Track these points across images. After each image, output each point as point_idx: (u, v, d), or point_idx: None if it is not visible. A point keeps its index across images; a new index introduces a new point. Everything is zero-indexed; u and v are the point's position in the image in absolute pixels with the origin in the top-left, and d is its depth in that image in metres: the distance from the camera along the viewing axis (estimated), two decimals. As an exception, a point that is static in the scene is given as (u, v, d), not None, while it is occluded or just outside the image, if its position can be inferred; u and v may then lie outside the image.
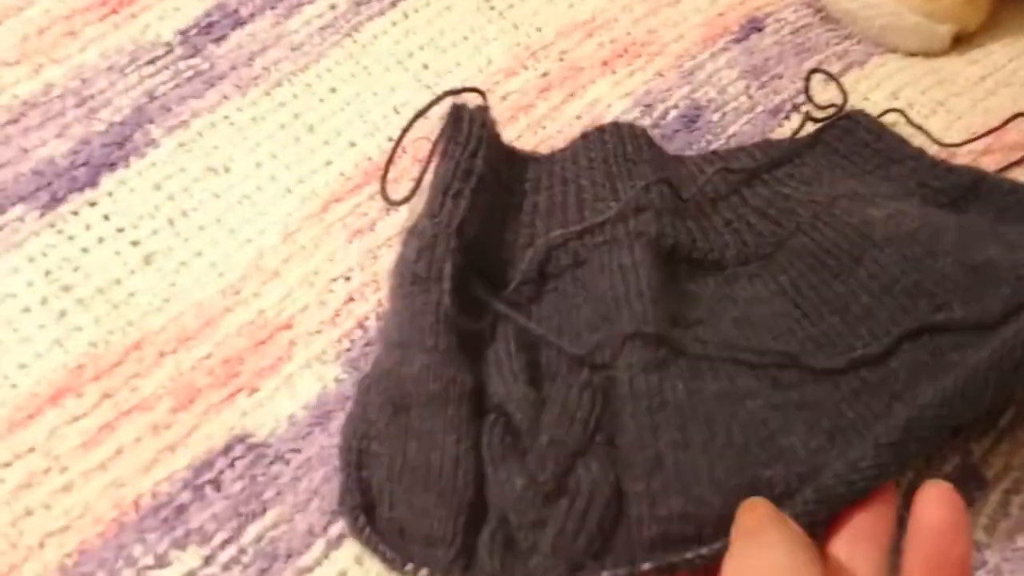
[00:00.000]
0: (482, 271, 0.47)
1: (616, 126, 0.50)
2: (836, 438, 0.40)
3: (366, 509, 0.41)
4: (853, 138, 0.55)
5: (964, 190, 0.51)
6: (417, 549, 0.39)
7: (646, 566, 0.38)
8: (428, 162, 0.49)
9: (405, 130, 0.49)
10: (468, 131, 0.48)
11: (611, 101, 0.59)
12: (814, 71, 0.60)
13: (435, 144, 0.49)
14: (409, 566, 0.39)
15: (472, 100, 0.49)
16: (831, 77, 0.59)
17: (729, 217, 0.50)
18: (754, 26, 0.64)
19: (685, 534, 0.38)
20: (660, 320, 0.42)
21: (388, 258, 0.49)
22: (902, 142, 0.54)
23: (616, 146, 0.50)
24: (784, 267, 0.47)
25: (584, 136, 0.51)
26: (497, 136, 0.51)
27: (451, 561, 0.39)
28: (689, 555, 0.38)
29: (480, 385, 0.42)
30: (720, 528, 0.38)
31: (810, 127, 0.57)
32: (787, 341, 0.44)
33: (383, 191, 0.48)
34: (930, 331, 0.42)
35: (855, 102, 0.60)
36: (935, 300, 0.43)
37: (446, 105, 0.48)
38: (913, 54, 0.64)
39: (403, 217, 0.51)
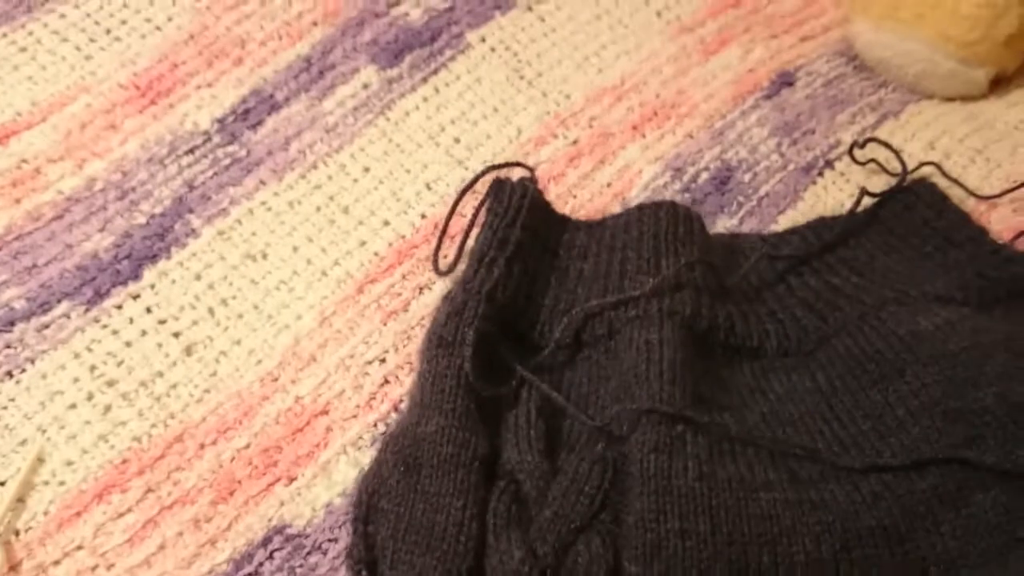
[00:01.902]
0: (522, 335, 0.48)
1: (673, 206, 0.51)
2: (844, 552, 0.39)
3: (369, 565, 0.41)
4: (912, 215, 0.53)
5: (1022, 281, 0.49)
6: None
7: None
8: (469, 230, 0.51)
9: (456, 203, 0.52)
10: (508, 202, 0.50)
11: (641, 166, 0.59)
12: (869, 140, 0.58)
13: (476, 213, 0.51)
14: None
15: (518, 173, 0.52)
16: (889, 148, 0.57)
17: (774, 307, 0.50)
18: (785, 80, 0.63)
19: None
20: (679, 398, 0.42)
21: (421, 339, 0.50)
22: (963, 220, 0.53)
23: (668, 224, 0.50)
24: (823, 366, 0.47)
25: (640, 208, 0.51)
26: (545, 204, 0.52)
27: None
28: None
29: (495, 451, 0.43)
30: None
31: (867, 200, 0.55)
32: (814, 440, 0.43)
33: (435, 262, 0.51)
34: (961, 463, 0.41)
35: (890, 154, 0.59)
36: (971, 431, 0.42)
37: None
38: (950, 100, 0.63)
39: (436, 297, 0.52)
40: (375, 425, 0.48)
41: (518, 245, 0.48)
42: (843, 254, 0.52)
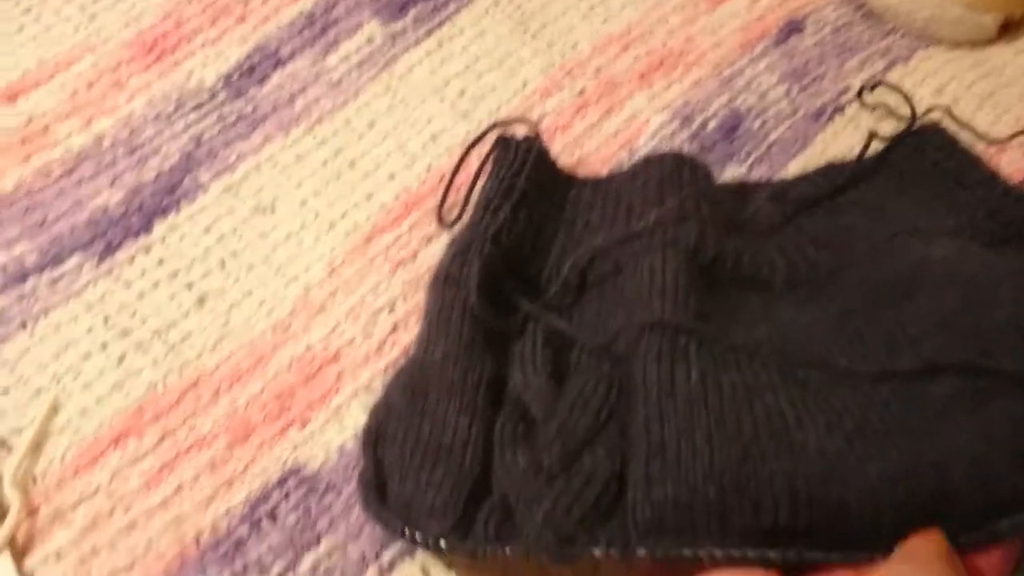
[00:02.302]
0: (528, 280, 0.48)
1: (678, 156, 0.50)
2: (856, 443, 0.38)
3: (379, 486, 0.41)
4: (922, 158, 0.53)
5: None
6: (420, 520, 0.40)
7: (640, 552, 0.37)
8: (474, 183, 0.51)
9: (462, 158, 0.52)
10: (514, 155, 0.50)
11: (649, 115, 0.59)
12: (878, 83, 0.58)
13: (481, 167, 0.51)
14: (407, 530, 0.40)
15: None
16: (899, 92, 0.57)
17: (783, 244, 0.49)
18: (793, 27, 0.63)
19: (679, 523, 0.37)
20: (681, 312, 0.42)
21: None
22: (973, 162, 0.52)
23: (673, 172, 0.49)
24: (834, 296, 0.46)
25: (646, 159, 0.51)
26: (550, 162, 0.52)
27: (449, 529, 0.39)
28: (686, 552, 0.37)
29: (502, 378, 0.43)
30: (717, 526, 0.37)
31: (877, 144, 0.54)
32: (823, 360, 0.43)
33: (439, 215, 0.52)
34: (976, 372, 0.40)
35: (899, 99, 0.59)
36: (984, 345, 0.41)
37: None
38: (959, 46, 0.63)
39: (443, 246, 0.52)
40: (385, 370, 0.48)
41: (523, 194, 0.49)
42: (853, 196, 0.52)
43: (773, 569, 0.37)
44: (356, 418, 0.47)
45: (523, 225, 0.48)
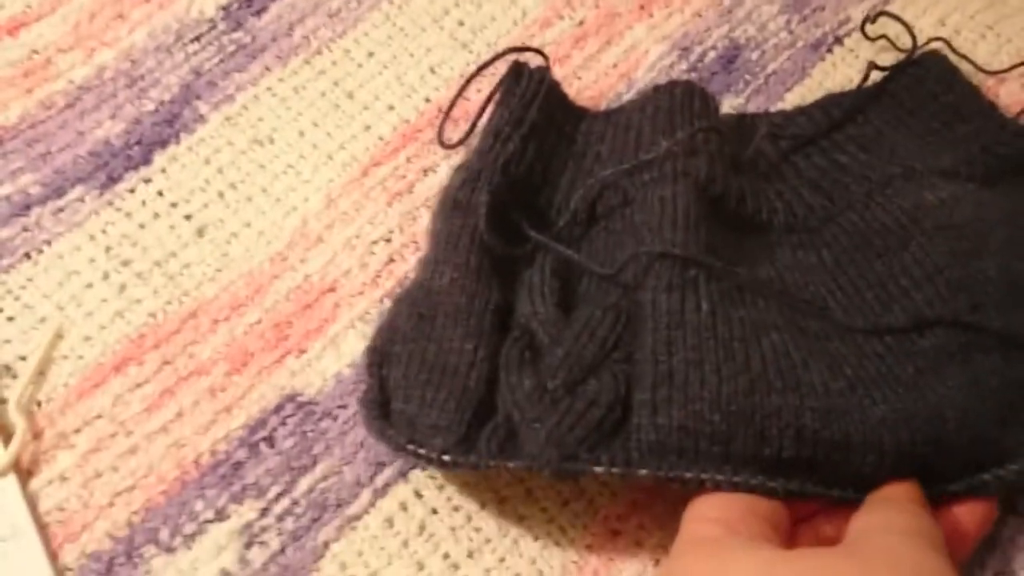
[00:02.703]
0: (538, 211, 0.48)
1: (689, 85, 0.50)
2: (858, 388, 0.39)
3: (382, 404, 0.43)
4: (921, 89, 0.52)
5: None
6: (424, 437, 0.41)
7: (642, 472, 0.38)
8: (482, 109, 0.51)
9: (469, 80, 0.52)
10: (526, 85, 0.50)
11: (648, 47, 0.58)
12: (880, 14, 0.57)
13: (492, 95, 0.51)
14: (410, 446, 0.40)
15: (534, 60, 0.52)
16: (900, 22, 0.56)
17: (780, 187, 0.49)
18: (795, -43, 0.62)
19: (682, 447, 0.38)
20: (693, 244, 0.42)
21: (426, 219, 0.51)
22: (972, 94, 0.52)
23: (684, 99, 0.49)
24: (829, 242, 0.47)
25: (656, 88, 0.51)
26: (561, 94, 0.52)
27: (453, 444, 0.40)
28: (688, 475, 0.38)
29: (509, 305, 0.44)
30: (720, 453, 0.38)
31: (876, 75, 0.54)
32: (818, 302, 0.44)
33: (440, 135, 0.52)
34: (963, 327, 0.41)
35: (900, 29, 0.58)
36: (973, 299, 0.42)
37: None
38: (965, -26, 0.62)
39: (441, 179, 0.53)
40: (381, 301, 0.49)
41: (533, 125, 0.49)
42: (851, 131, 0.52)
43: (774, 498, 0.38)
44: (352, 347, 0.48)
45: (533, 156, 0.48)
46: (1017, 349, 0.41)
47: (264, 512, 0.44)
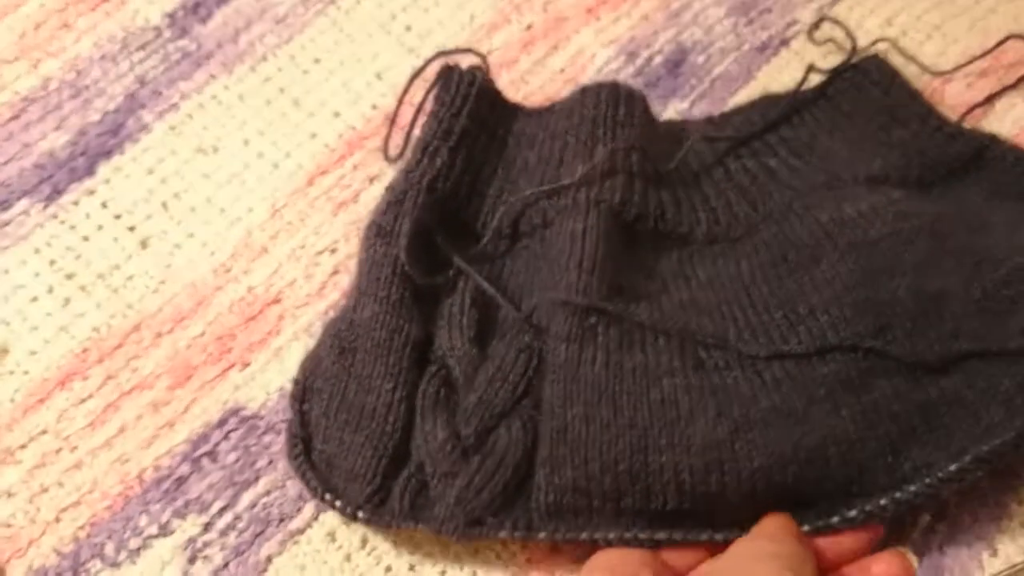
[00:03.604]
0: (465, 224, 0.48)
1: (615, 87, 0.50)
2: (741, 433, 0.40)
3: (304, 440, 0.44)
4: (859, 93, 0.53)
5: (966, 160, 0.49)
6: (340, 483, 0.42)
7: (541, 535, 0.41)
8: (415, 119, 0.51)
9: (405, 91, 0.52)
10: (455, 90, 0.50)
11: (595, 51, 0.59)
12: (823, 19, 0.57)
13: (423, 103, 0.51)
14: (328, 496, 0.42)
15: (470, 60, 0.52)
16: (841, 25, 0.56)
17: (708, 192, 0.50)
18: (744, -43, 0.62)
19: (577, 507, 0.40)
20: (596, 289, 0.43)
21: (370, 226, 0.51)
22: (911, 98, 0.52)
23: (608, 107, 0.49)
24: (748, 253, 0.47)
25: (583, 90, 0.51)
26: (495, 92, 0.52)
27: (367, 496, 0.41)
28: (583, 535, 0.40)
29: (429, 338, 0.44)
30: (612, 510, 0.40)
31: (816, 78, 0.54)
32: (726, 328, 0.44)
33: (384, 150, 0.52)
34: (864, 352, 0.41)
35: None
36: (880, 320, 0.42)
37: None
38: (913, -27, 0.62)
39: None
40: (326, 313, 0.49)
41: (462, 134, 0.49)
42: (785, 133, 0.52)
43: (661, 548, 0.41)
44: (296, 359, 0.48)
45: (461, 168, 0.49)
46: (923, 372, 0.41)
47: (207, 527, 0.44)
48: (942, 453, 0.40)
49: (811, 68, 0.54)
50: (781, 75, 0.58)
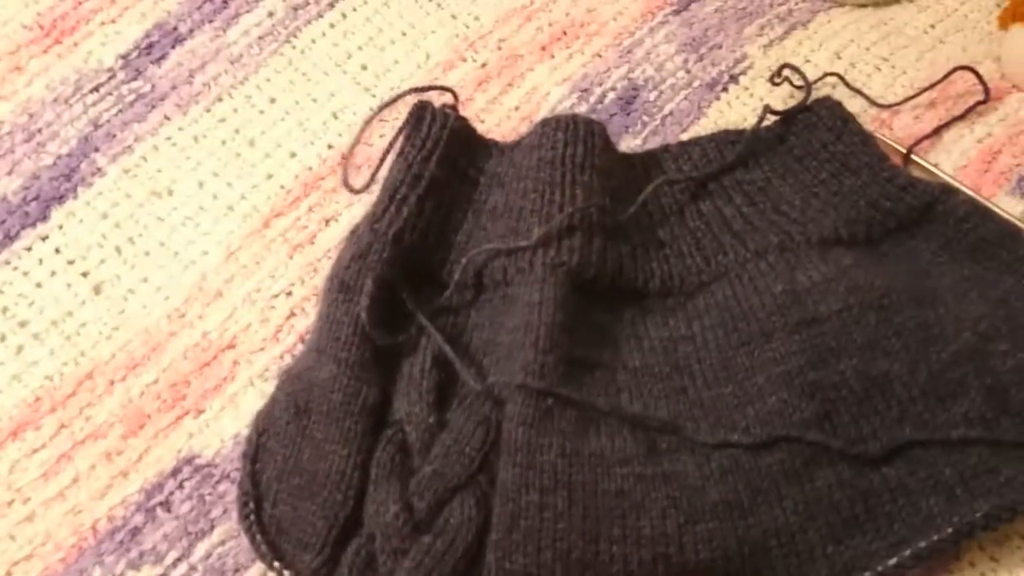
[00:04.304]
0: (431, 273, 0.48)
1: (574, 123, 0.50)
2: (687, 528, 0.41)
3: (256, 500, 0.43)
4: (811, 137, 0.53)
5: (917, 213, 0.49)
6: (290, 549, 0.42)
7: None
8: (385, 155, 0.51)
9: (368, 122, 0.52)
10: (427, 132, 0.49)
11: (549, 88, 0.59)
12: (784, 66, 0.57)
13: (394, 139, 0.50)
14: (276, 564, 0.42)
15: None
16: (796, 71, 0.56)
17: (664, 239, 0.50)
18: (695, -7, 0.63)
19: None
20: (552, 370, 0.43)
21: (327, 270, 0.51)
22: (863, 143, 0.52)
23: (566, 147, 0.49)
24: (700, 313, 0.47)
25: (543, 124, 0.51)
26: (468, 131, 0.52)
27: (316, 568, 0.41)
28: None
29: (388, 398, 0.44)
30: None
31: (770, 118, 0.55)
32: (677, 401, 0.44)
33: (345, 180, 0.50)
34: (808, 444, 0.42)
35: (797, 64, 0.60)
36: (825, 405, 0.43)
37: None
38: (862, 5, 0.63)
39: (342, 229, 0.53)
40: (281, 357, 0.49)
41: (432, 181, 0.48)
42: (740, 176, 0.53)
43: None
44: (252, 406, 0.48)
45: (429, 216, 0.48)
46: (866, 460, 0.42)
47: (162, 578, 0.44)
48: (882, 544, 0.41)
49: (767, 109, 0.54)
50: (731, 111, 0.59)
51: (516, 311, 0.45)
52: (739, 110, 0.58)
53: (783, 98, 0.58)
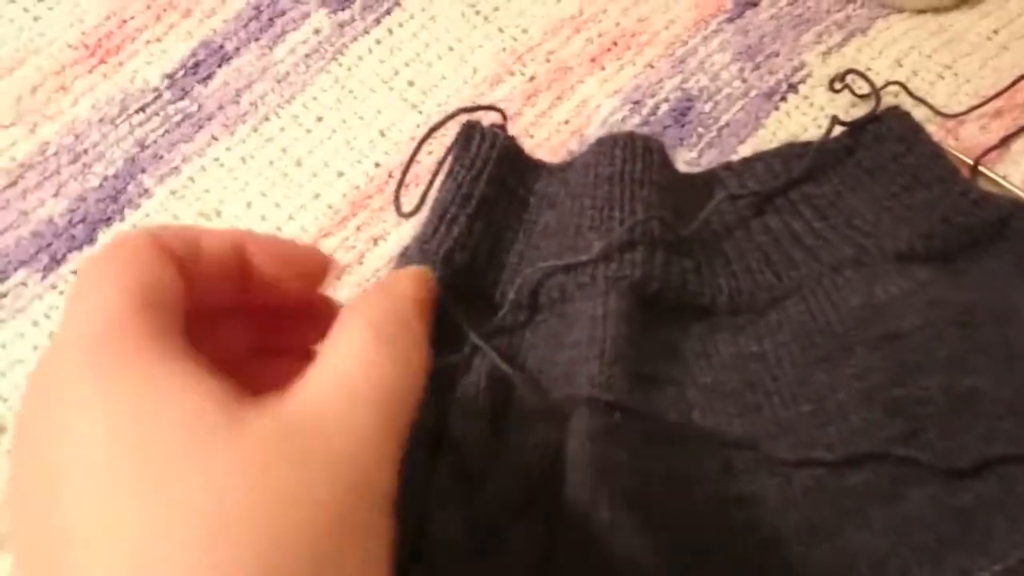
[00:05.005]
0: (484, 293, 0.46)
1: (631, 139, 0.48)
2: (769, 550, 0.39)
3: None
4: (882, 149, 0.51)
5: (990, 229, 0.47)
6: None
7: None
8: (434, 177, 0.49)
9: (419, 145, 0.49)
10: (476, 152, 0.48)
11: (600, 101, 0.58)
12: (848, 72, 0.55)
13: (443, 160, 0.49)
14: None
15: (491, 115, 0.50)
16: (862, 76, 0.54)
17: (730, 255, 0.48)
18: (749, 1, 0.62)
19: None
20: (619, 380, 0.41)
21: (377, 291, 0.50)
22: (934, 156, 0.50)
23: (625, 163, 0.47)
24: (772, 330, 0.45)
25: (599, 143, 0.49)
26: (517, 151, 0.50)
27: None
28: None
29: (443, 419, 0.42)
30: None
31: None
32: (752, 420, 0.42)
33: (396, 203, 0.48)
34: (897, 461, 0.40)
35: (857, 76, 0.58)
36: (912, 423, 0.40)
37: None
38: (921, 11, 0.61)
39: (391, 248, 0.52)
40: (332, 380, 0.48)
41: (482, 200, 0.47)
42: (808, 190, 0.50)
43: None
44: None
45: (479, 236, 0.46)
46: (957, 478, 0.40)
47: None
48: (983, 558, 0.38)
49: (835, 121, 0.52)
50: (790, 121, 0.57)
51: (577, 327, 0.43)
52: (799, 120, 0.56)
53: (844, 107, 0.56)
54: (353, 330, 0.29)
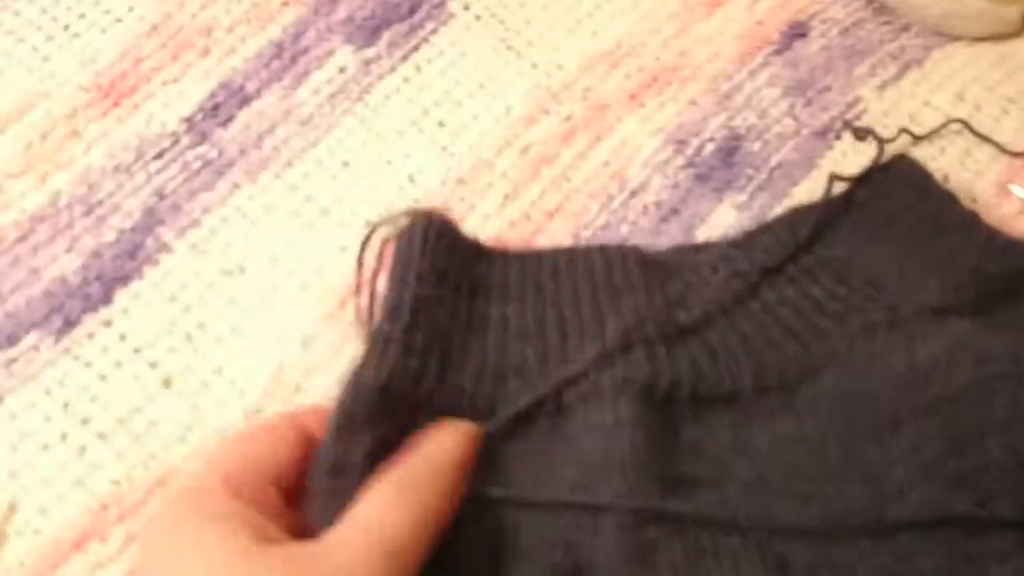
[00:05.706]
0: (446, 406, 0.40)
1: (603, 252, 0.45)
2: None
3: None
4: (892, 199, 0.47)
5: (1022, 275, 0.44)
6: None
7: None
8: (372, 287, 0.43)
9: (359, 261, 0.44)
10: (408, 253, 0.42)
11: (640, 141, 0.54)
12: (846, 126, 0.52)
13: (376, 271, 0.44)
14: None
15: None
16: (868, 131, 0.51)
17: (747, 331, 0.43)
18: (797, 32, 0.58)
19: None
20: (646, 489, 0.36)
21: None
22: (950, 202, 0.47)
23: (603, 276, 0.44)
24: (812, 408, 0.41)
25: (570, 252, 0.45)
26: (453, 237, 0.44)
27: None
28: None
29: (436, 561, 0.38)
30: None
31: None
32: (800, 511, 0.38)
33: (358, 319, 0.43)
34: (974, 524, 0.36)
35: (914, 109, 0.55)
36: (979, 494, 0.37)
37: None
38: (981, 39, 0.58)
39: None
40: (365, 453, 0.45)
41: (417, 308, 0.40)
42: (821, 253, 0.46)
43: None
44: (333, 509, 0.43)
45: (422, 347, 0.40)
46: None
47: None
48: None
49: (834, 177, 0.48)
50: (846, 161, 0.54)
51: (583, 446, 0.39)
52: (855, 160, 0.53)
53: (904, 147, 0.52)
54: (381, 479, 0.34)
